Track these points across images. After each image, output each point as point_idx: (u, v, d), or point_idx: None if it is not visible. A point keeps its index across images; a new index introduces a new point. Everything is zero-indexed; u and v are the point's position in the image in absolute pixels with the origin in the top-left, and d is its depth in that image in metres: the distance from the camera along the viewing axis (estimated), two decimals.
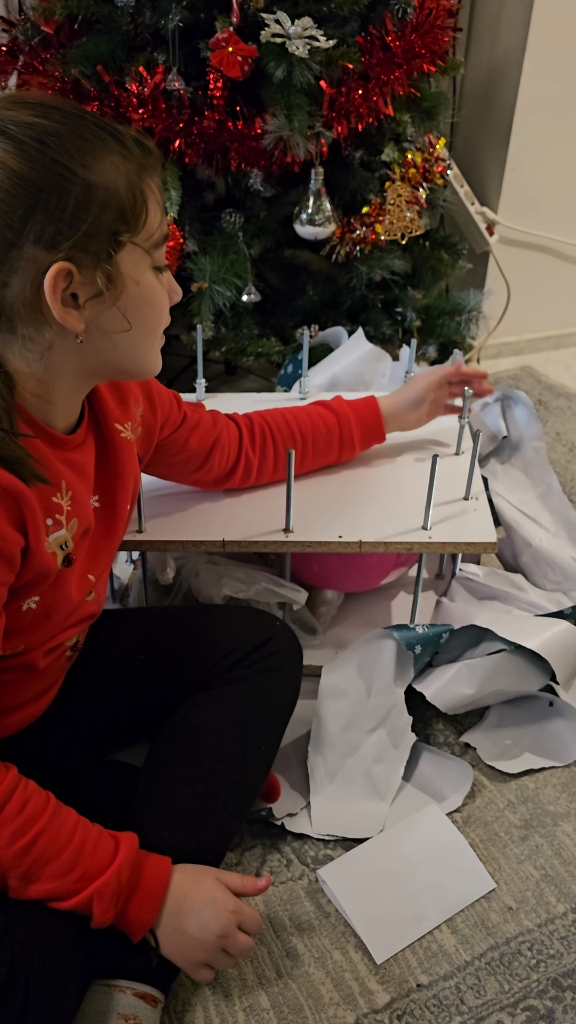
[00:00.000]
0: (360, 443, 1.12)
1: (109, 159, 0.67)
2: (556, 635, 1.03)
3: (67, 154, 0.65)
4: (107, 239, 0.68)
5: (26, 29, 1.45)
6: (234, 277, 1.44)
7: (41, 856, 0.72)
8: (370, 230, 1.52)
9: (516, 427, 1.34)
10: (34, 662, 0.81)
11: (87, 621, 0.88)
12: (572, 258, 2.04)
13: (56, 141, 0.65)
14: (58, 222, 0.65)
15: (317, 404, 1.11)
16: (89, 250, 0.67)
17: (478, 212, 1.87)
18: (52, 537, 0.75)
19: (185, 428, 0.99)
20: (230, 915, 0.77)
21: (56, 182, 0.65)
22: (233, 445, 1.04)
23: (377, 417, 1.12)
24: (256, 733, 0.90)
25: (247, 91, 1.38)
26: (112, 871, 0.74)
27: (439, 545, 1.04)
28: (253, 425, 1.06)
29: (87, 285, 0.68)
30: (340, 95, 1.39)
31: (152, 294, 0.73)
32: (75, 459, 0.78)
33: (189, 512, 1.07)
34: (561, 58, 1.76)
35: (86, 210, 0.66)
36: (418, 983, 0.85)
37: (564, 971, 0.86)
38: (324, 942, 0.88)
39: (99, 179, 0.66)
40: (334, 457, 1.12)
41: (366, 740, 1.03)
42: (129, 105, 1.36)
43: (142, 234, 0.70)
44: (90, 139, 0.67)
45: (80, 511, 0.78)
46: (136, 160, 0.69)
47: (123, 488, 0.85)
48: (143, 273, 0.72)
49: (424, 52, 1.44)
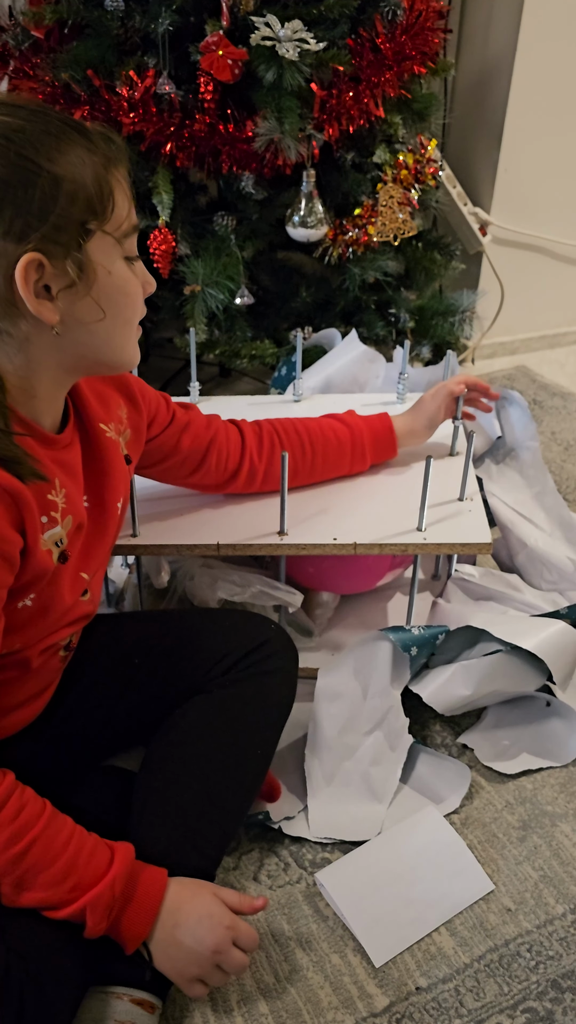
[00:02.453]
0: (372, 456, 1.13)
1: (74, 152, 0.68)
2: (552, 635, 1.03)
3: (32, 148, 0.66)
4: (76, 229, 0.68)
5: (16, 34, 1.45)
6: (227, 280, 1.44)
7: (35, 864, 0.72)
8: (363, 232, 1.52)
9: (511, 427, 1.34)
10: (28, 661, 0.81)
11: (82, 621, 0.88)
12: (565, 257, 2.05)
13: (21, 137, 0.66)
14: (26, 215, 0.66)
15: (330, 417, 1.12)
16: (59, 241, 0.68)
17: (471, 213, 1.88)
18: (47, 534, 0.75)
19: (175, 428, 0.99)
20: (225, 930, 0.77)
21: (22, 176, 0.66)
22: (234, 449, 1.04)
23: (390, 432, 1.13)
24: (252, 736, 0.90)
25: (238, 94, 1.38)
26: (106, 883, 0.74)
27: (434, 546, 1.04)
28: (262, 432, 1.06)
29: (59, 276, 0.69)
30: (331, 97, 1.39)
31: (125, 283, 0.74)
32: (64, 458, 0.79)
33: (184, 516, 1.07)
34: (552, 58, 1.77)
35: (53, 201, 0.67)
36: (417, 986, 0.84)
37: (563, 972, 0.86)
38: (322, 946, 0.88)
39: (65, 171, 0.67)
40: (345, 469, 1.12)
41: (363, 742, 1.02)
42: (120, 109, 1.36)
43: (111, 223, 0.71)
44: (54, 134, 0.68)
45: (73, 507, 0.79)
46: (101, 153, 0.70)
47: (111, 487, 0.85)
48: (114, 262, 0.72)
49: (414, 54, 1.44)
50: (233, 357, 1.55)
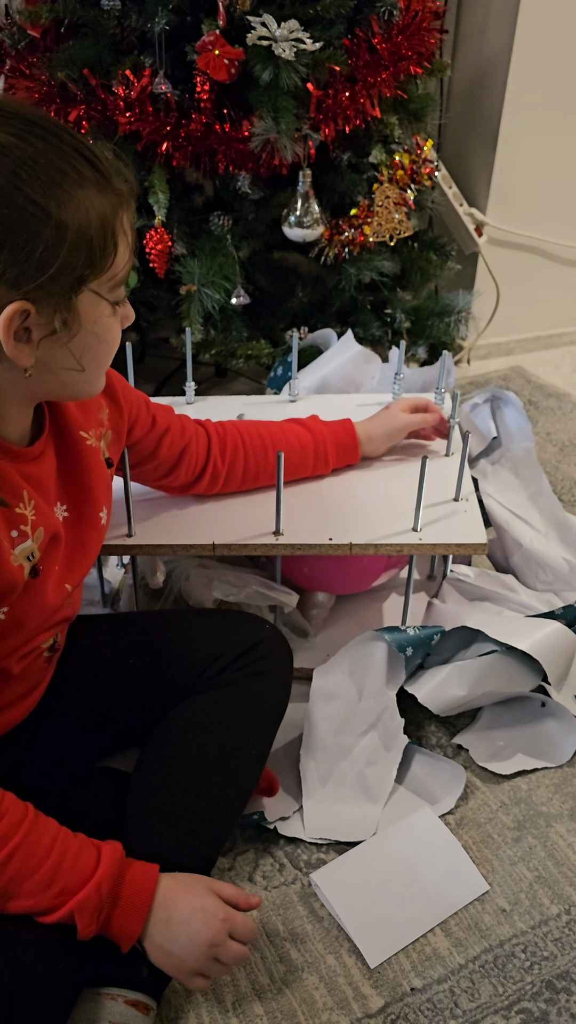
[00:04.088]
0: (335, 461, 1.13)
1: (84, 193, 0.65)
2: (547, 636, 1.03)
3: (41, 190, 0.63)
4: (71, 283, 0.66)
5: (12, 33, 1.45)
6: (223, 280, 1.44)
7: (18, 872, 0.71)
8: (358, 232, 1.52)
9: (506, 427, 1.34)
10: (8, 668, 0.80)
11: (63, 624, 0.87)
12: (561, 258, 2.05)
13: (32, 174, 0.62)
14: (24, 263, 0.63)
15: (292, 422, 1.12)
16: (51, 292, 0.65)
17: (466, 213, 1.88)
18: (18, 549, 0.74)
19: (155, 434, 0.98)
20: (220, 923, 0.76)
21: (27, 223, 0.63)
22: (201, 452, 1.04)
23: (353, 439, 1.13)
24: (246, 736, 0.90)
25: (234, 94, 1.38)
26: (92, 885, 0.73)
27: (429, 546, 1.04)
28: (225, 435, 1.06)
29: (43, 324, 0.67)
30: (327, 97, 1.39)
31: (106, 333, 0.72)
32: (32, 471, 0.77)
33: (179, 516, 1.07)
34: (548, 59, 1.77)
35: (54, 254, 0.64)
36: (412, 987, 0.85)
37: (558, 973, 0.86)
38: (317, 947, 0.88)
39: (72, 219, 0.64)
40: (308, 472, 1.12)
41: (358, 743, 1.02)
42: (116, 108, 1.36)
43: (106, 275, 0.69)
44: (67, 171, 0.64)
45: (44, 520, 0.77)
46: (113, 193, 0.67)
47: (92, 497, 0.84)
48: (100, 313, 0.70)
49: (411, 54, 1.44)
50: (229, 357, 1.55)
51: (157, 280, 1.48)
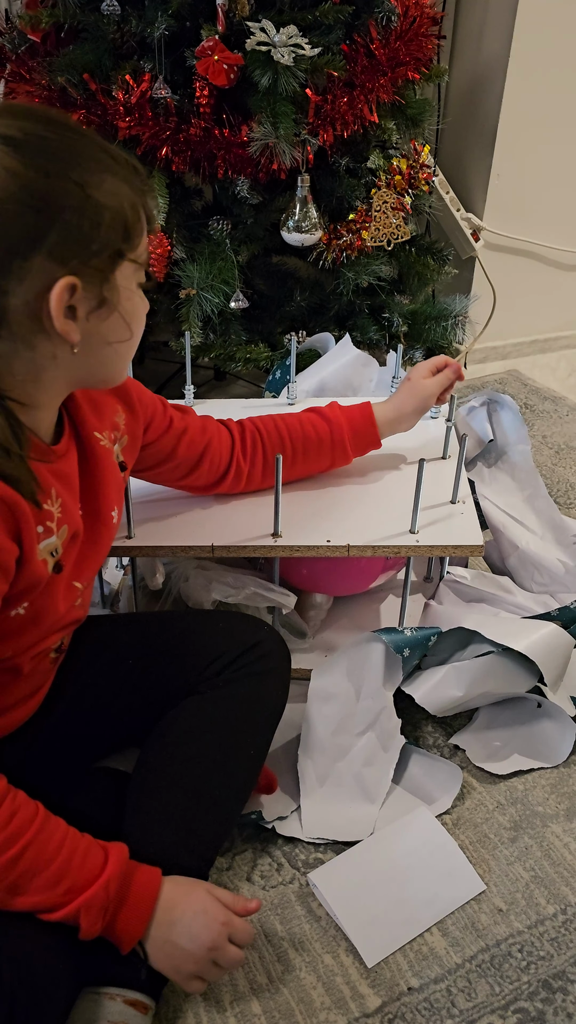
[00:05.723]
0: (353, 450, 1.12)
1: (115, 179, 0.70)
2: (543, 637, 1.03)
3: (81, 174, 0.67)
4: (111, 256, 0.70)
5: (13, 37, 1.46)
6: (222, 284, 1.45)
7: (28, 869, 0.72)
8: (356, 236, 1.53)
9: (502, 431, 1.34)
10: (19, 666, 0.81)
11: (72, 626, 0.88)
12: (557, 263, 2.06)
13: (74, 160, 0.68)
14: (71, 240, 0.67)
15: (310, 411, 1.11)
16: (95, 266, 0.69)
17: (464, 218, 1.89)
18: (43, 544, 0.75)
19: (172, 435, 0.99)
20: (220, 927, 0.77)
21: (72, 200, 0.67)
22: (225, 452, 1.04)
23: (371, 425, 1.11)
24: (245, 737, 0.90)
25: (233, 99, 1.39)
26: (100, 884, 0.74)
27: (426, 548, 1.05)
28: (245, 432, 1.06)
29: (88, 299, 0.70)
30: (325, 103, 1.40)
31: (135, 309, 0.76)
32: (60, 468, 0.79)
33: (178, 517, 1.08)
34: (545, 65, 1.78)
35: (97, 229, 0.68)
36: (409, 986, 0.85)
37: (554, 972, 0.86)
38: (315, 946, 0.88)
39: (108, 200, 0.69)
40: (326, 464, 1.12)
41: (355, 743, 1.03)
42: (116, 113, 1.37)
43: (136, 253, 0.73)
44: (100, 159, 0.69)
45: (69, 517, 0.79)
46: (138, 179, 0.72)
47: (105, 496, 0.85)
48: (132, 291, 0.75)
49: (408, 60, 1.46)
50: (228, 360, 1.56)
51: (157, 284, 1.49)
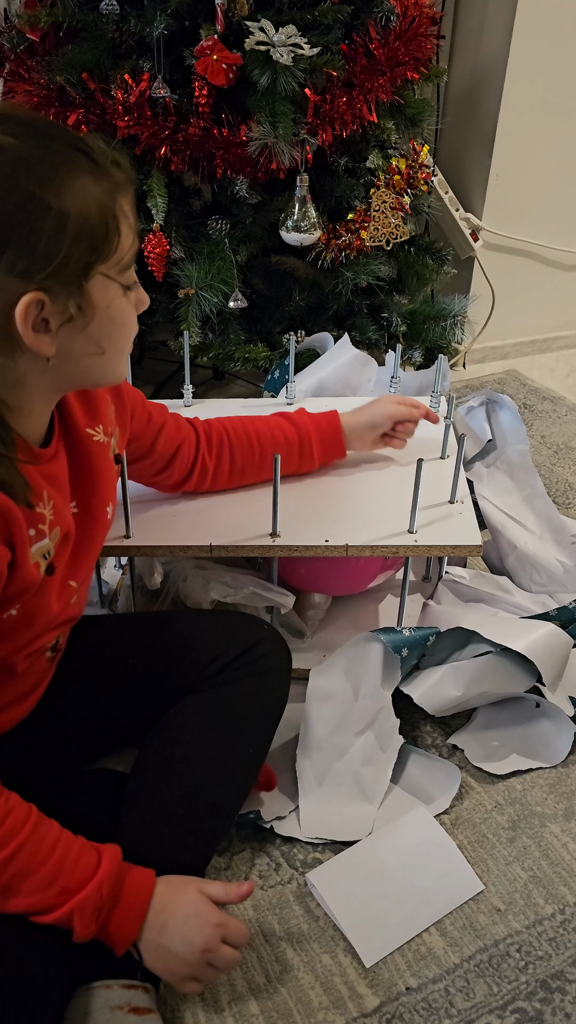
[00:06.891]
0: (320, 457, 1.13)
1: (80, 182, 0.66)
2: (542, 637, 1.03)
3: (38, 183, 0.64)
4: (79, 270, 0.68)
5: (11, 37, 1.45)
6: (221, 283, 1.45)
7: (21, 870, 0.72)
8: (355, 236, 1.53)
9: (501, 431, 1.34)
10: (13, 666, 0.81)
11: (68, 624, 0.88)
12: (556, 263, 2.06)
13: (27, 168, 0.64)
14: (30, 256, 0.65)
15: (279, 416, 1.12)
16: (61, 280, 0.67)
17: (462, 218, 1.89)
18: (35, 547, 0.75)
19: (152, 430, 0.99)
20: (214, 929, 0.77)
21: (28, 216, 0.64)
22: (191, 449, 1.05)
23: (338, 433, 1.12)
24: (244, 736, 0.90)
25: (232, 98, 1.39)
26: (93, 885, 0.73)
27: (425, 548, 1.05)
28: (212, 432, 1.06)
29: (59, 312, 0.68)
30: (324, 102, 1.40)
31: (121, 315, 0.73)
32: (50, 470, 0.79)
33: (177, 517, 1.08)
34: (544, 64, 1.78)
35: (58, 243, 0.65)
36: (407, 986, 0.85)
37: (552, 973, 0.86)
38: (313, 946, 0.88)
39: (71, 207, 0.65)
40: (293, 468, 1.13)
41: (354, 743, 1.03)
42: (115, 112, 1.37)
43: (112, 260, 0.70)
44: (61, 163, 0.66)
45: (60, 519, 0.79)
46: (108, 179, 0.68)
47: (99, 493, 0.85)
48: (113, 297, 0.72)
49: (408, 59, 1.46)
50: (226, 360, 1.56)
51: (155, 283, 1.49)
